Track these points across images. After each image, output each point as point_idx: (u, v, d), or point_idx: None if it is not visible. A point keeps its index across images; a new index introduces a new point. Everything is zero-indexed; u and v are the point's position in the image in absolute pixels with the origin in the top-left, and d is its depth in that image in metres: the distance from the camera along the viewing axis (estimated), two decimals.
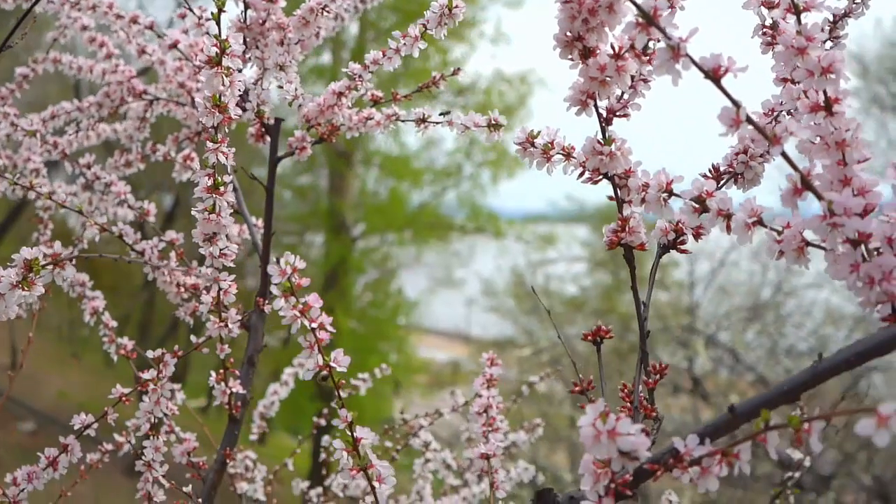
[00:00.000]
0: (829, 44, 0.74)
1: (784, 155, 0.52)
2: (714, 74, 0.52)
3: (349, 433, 0.66)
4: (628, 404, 0.65)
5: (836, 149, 0.54)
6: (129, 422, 1.15)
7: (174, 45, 1.07)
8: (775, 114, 0.71)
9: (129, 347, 1.08)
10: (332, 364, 0.64)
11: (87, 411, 1.10)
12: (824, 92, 0.55)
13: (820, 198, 0.52)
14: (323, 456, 1.39)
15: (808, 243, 0.56)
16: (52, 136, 1.23)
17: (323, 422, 1.46)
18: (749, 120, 0.51)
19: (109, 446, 1.15)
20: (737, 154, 0.70)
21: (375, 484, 0.66)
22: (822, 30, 0.74)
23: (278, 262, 0.62)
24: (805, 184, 0.52)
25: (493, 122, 0.88)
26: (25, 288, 0.68)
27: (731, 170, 0.70)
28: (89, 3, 1.11)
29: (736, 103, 0.52)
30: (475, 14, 10.62)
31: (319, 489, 1.31)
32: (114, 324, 1.12)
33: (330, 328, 0.64)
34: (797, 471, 1.08)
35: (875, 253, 0.54)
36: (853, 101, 0.57)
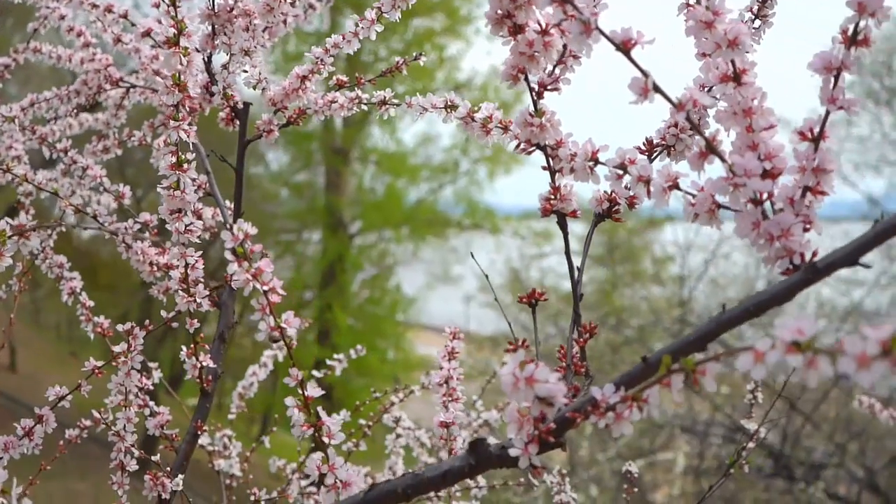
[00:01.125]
0: (757, 22, 0.78)
1: (689, 120, 0.56)
2: (624, 47, 0.55)
3: (300, 391, 0.70)
4: (563, 364, 0.69)
5: (743, 116, 0.58)
6: (108, 399, 1.19)
7: (147, 34, 1.11)
8: (705, 89, 0.74)
9: (105, 325, 1.11)
10: (283, 325, 0.68)
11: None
12: (732, 63, 0.59)
13: (724, 161, 0.56)
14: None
15: (719, 205, 0.59)
16: (33, 125, 1.27)
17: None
18: (656, 88, 0.55)
19: (87, 422, 1.19)
20: (668, 127, 0.74)
21: (325, 439, 0.70)
22: (751, 9, 0.78)
23: (231, 229, 0.66)
24: (710, 148, 0.56)
25: (449, 103, 0.91)
26: None
27: (663, 142, 0.74)
28: None
29: (644, 73, 0.55)
30: (471, 11, 10.63)
31: (294, 464, 1.35)
32: (91, 303, 1.16)
33: (281, 291, 0.68)
34: (751, 440, 1.12)
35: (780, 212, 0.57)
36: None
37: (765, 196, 0.56)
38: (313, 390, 0.70)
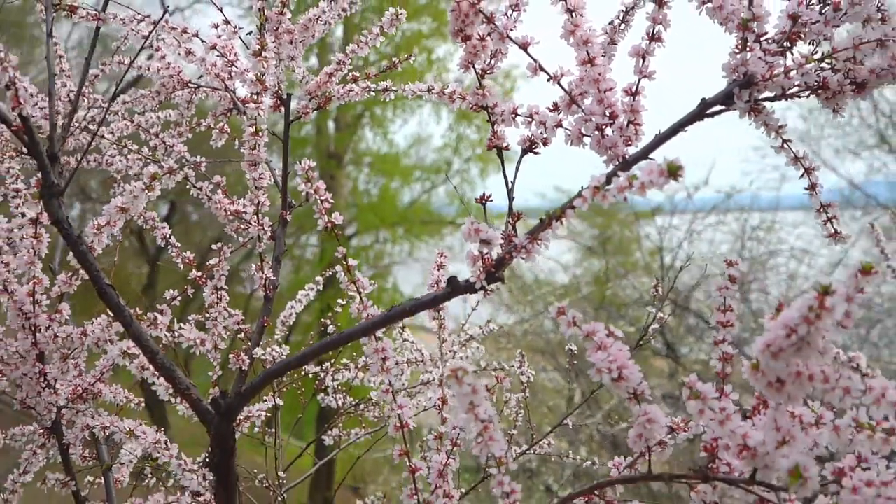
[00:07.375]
0: (623, 25, 1.22)
1: (561, 86, 1.01)
2: (523, 46, 1.00)
3: (345, 263, 1.15)
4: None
5: (594, 84, 1.03)
6: (190, 317, 1.63)
7: (213, 47, 1.55)
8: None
9: (191, 257, 1.56)
10: (334, 220, 1.13)
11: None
12: (587, 52, 1.04)
13: (579, 107, 1.01)
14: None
15: (583, 133, 1.04)
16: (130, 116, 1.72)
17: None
18: (540, 68, 1.00)
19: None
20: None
21: (361, 290, 1.15)
22: (619, 15, 1.22)
23: (300, 161, 1.11)
24: (572, 100, 1.01)
25: (430, 87, 1.36)
26: (150, 190, 1.16)
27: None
28: (151, 20, 1.60)
29: (535, 60, 1.00)
30: None
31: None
32: (178, 245, 1.60)
33: (330, 200, 1.12)
34: (654, 322, 1.56)
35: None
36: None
37: (604, 126, 1.01)
38: (352, 261, 1.15)
